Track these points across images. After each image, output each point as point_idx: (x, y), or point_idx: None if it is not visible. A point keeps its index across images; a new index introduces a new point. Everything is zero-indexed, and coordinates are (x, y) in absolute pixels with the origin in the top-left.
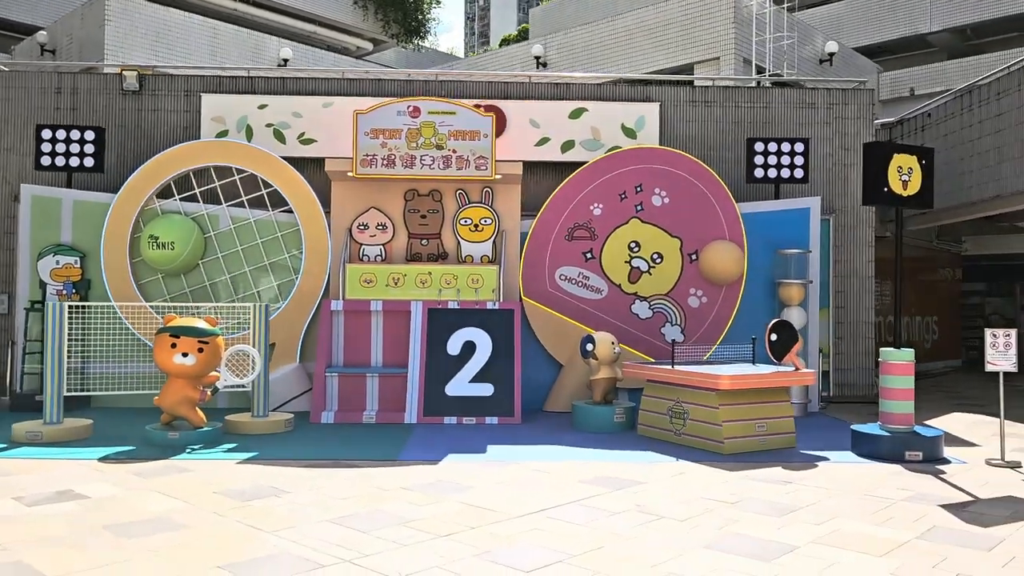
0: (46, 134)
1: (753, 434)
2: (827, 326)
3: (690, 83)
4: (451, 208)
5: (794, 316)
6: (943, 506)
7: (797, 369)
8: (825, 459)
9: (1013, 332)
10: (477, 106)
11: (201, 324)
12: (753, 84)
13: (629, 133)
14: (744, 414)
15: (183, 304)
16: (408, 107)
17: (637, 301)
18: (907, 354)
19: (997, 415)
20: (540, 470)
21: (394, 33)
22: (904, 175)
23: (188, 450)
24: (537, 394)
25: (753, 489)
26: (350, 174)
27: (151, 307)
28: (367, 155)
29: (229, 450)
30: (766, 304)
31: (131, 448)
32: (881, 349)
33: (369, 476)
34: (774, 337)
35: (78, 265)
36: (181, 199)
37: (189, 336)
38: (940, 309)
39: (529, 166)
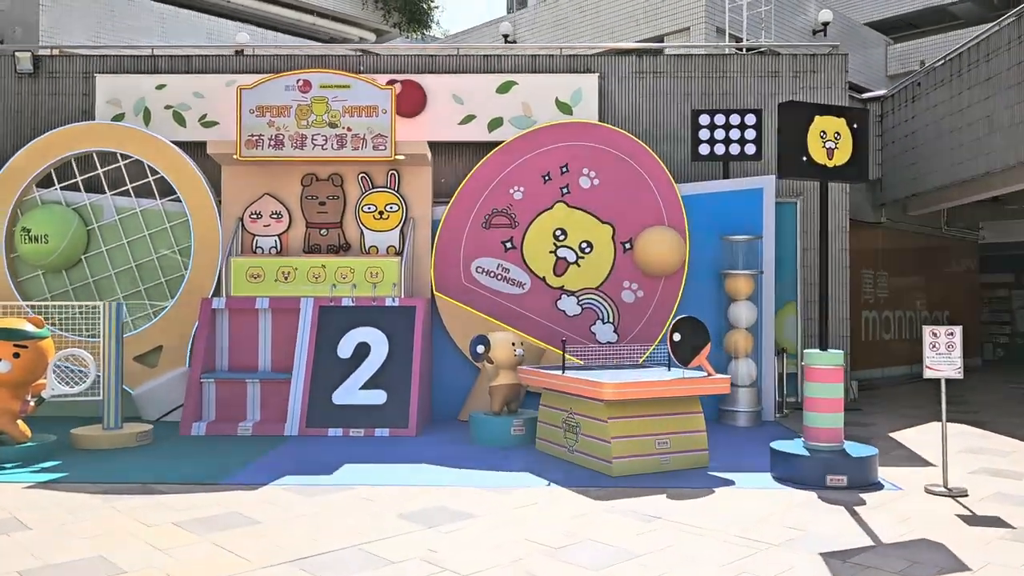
0: None
1: (652, 452)
2: (794, 323)
3: (636, 52)
4: (353, 194)
5: (742, 312)
6: (826, 554)
7: (709, 375)
8: (730, 483)
9: (957, 330)
10: (391, 81)
11: (25, 326)
12: (704, 52)
13: (564, 108)
14: (639, 429)
15: (11, 303)
16: (298, 81)
17: (564, 296)
18: (834, 356)
19: (986, 426)
20: (368, 498)
21: (396, 22)
22: (829, 141)
23: None
24: (454, 400)
25: (602, 528)
26: (235, 157)
27: (28, 306)
28: (252, 135)
29: (42, 469)
30: (713, 298)
31: None
32: (805, 351)
33: (154, 506)
34: (677, 337)
35: None
36: (62, 188)
37: (2, 339)
38: (952, 303)
39: (452, 147)
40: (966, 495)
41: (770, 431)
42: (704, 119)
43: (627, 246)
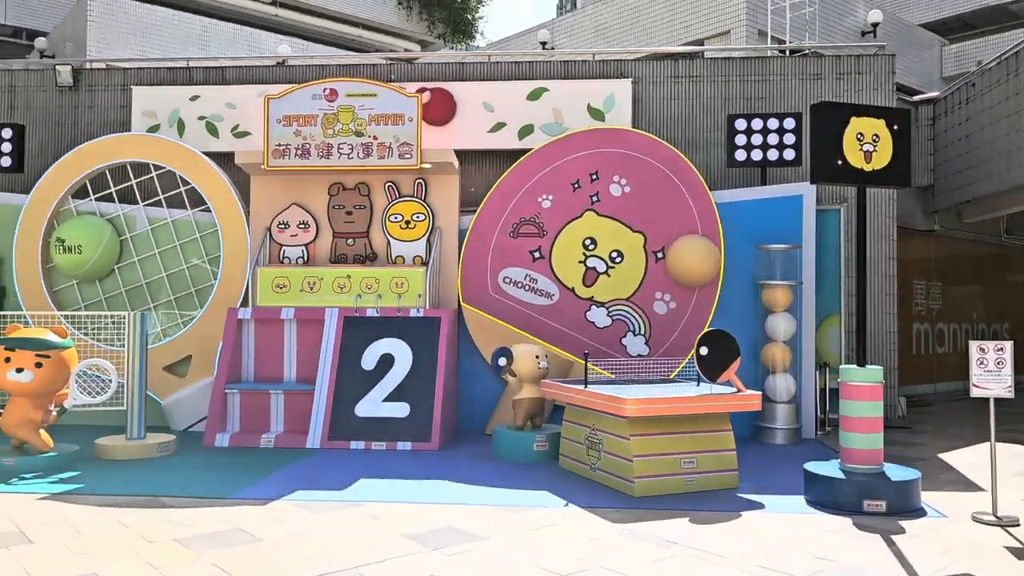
0: None
1: (677, 472)
2: (838, 335)
3: (671, 56)
4: (380, 203)
5: (780, 324)
6: None
7: (739, 391)
8: (759, 507)
9: (1007, 345)
10: (421, 90)
11: (48, 336)
12: (743, 55)
13: (596, 114)
14: (664, 447)
15: (43, 312)
16: (324, 90)
17: (593, 307)
18: (872, 373)
19: None
20: (375, 516)
21: (440, 33)
22: (867, 144)
23: (15, 480)
24: (481, 413)
25: (617, 553)
26: (262, 167)
27: (62, 316)
28: (279, 145)
29: (60, 480)
30: (749, 309)
31: None
32: (841, 367)
33: (160, 521)
34: (704, 351)
35: None
36: (97, 199)
37: (25, 349)
38: (1014, 314)
39: (482, 155)
40: (1017, 524)
41: (809, 450)
42: (740, 124)
43: (659, 255)
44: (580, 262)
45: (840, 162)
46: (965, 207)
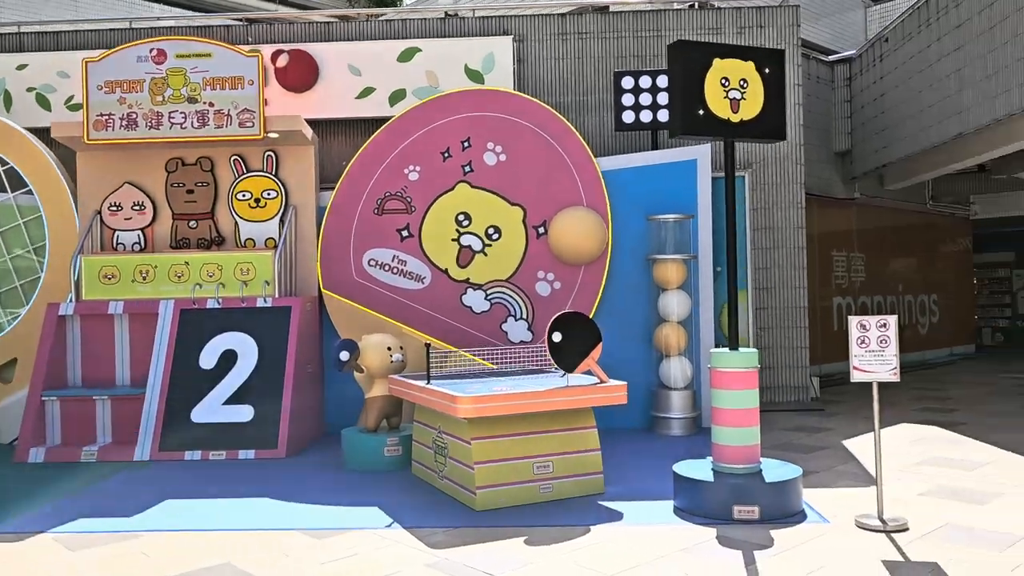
0: None
1: (530, 479)
2: (746, 313)
3: (559, 13)
4: (226, 180)
5: (672, 303)
6: None
7: (601, 382)
8: (617, 518)
9: (891, 320)
10: (278, 52)
11: None
12: (634, 10)
13: (474, 76)
14: (513, 451)
15: None
16: (151, 50)
17: (470, 290)
18: (746, 357)
19: (960, 428)
20: (145, 553)
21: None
22: (733, 90)
23: None
24: (350, 411)
25: None
26: (84, 140)
27: None
28: (102, 115)
29: None
30: (640, 287)
31: None
32: (711, 351)
33: None
34: (558, 337)
35: None
36: None
37: None
38: (942, 285)
39: (350, 124)
40: (905, 529)
41: (706, 441)
42: (627, 82)
43: (541, 231)
44: (453, 240)
45: (702, 111)
46: (885, 173)
